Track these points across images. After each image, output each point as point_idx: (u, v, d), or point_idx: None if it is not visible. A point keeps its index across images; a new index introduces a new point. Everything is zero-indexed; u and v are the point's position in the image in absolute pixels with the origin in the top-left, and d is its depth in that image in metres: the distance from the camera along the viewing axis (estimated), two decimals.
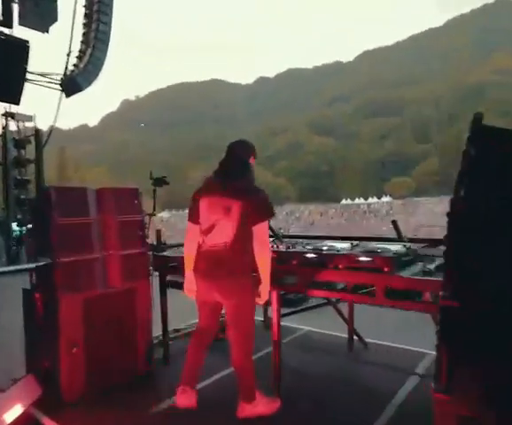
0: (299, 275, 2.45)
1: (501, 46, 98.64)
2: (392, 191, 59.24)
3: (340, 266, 2.26)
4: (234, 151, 2.41)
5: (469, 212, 1.06)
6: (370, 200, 57.07)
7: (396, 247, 2.42)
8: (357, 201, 57.23)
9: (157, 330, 3.45)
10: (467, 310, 1.06)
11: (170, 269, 3.41)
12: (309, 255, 2.46)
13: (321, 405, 2.66)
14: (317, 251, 2.48)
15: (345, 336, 3.74)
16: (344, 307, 3.69)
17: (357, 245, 2.61)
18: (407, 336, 3.78)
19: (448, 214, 1.11)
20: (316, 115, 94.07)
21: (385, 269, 2.12)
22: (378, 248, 2.36)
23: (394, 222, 3.47)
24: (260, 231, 2.22)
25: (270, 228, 2.64)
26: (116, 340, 3.05)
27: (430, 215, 35.32)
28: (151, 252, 3.42)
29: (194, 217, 2.42)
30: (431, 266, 2.14)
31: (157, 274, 3.48)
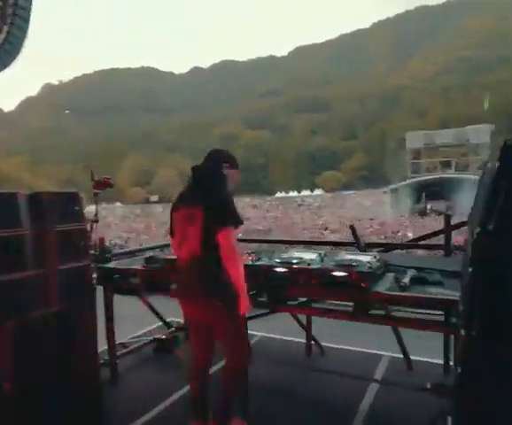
0: (270, 293, 2.29)
1: (418, 51, 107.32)
2: (323, 184, 61.78)
3: (314, 282, 2.14)
4: (205, 160, 2.32)
5: (500, 247, 0.98)
6: (303, 193, 59.00)
7: (366, 258, 2.36)
8: (291, 194, 58.82)
9: (103, 347, 3.12)
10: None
11: (116, 282, 3.08)
12: (279, 269, 2.31)
13: None
14: (287, 265, 2.34)
15: (302, 340, 3.68)
16: None
17: (325, 256, 2.52)
18: (362, 338, 3.82)
19: (473, 247, 1.02)
20: (250, 108, 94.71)
21: (362, 285, 2.04)
22: (350, 260, 2.28)
23: (352, 227, 3.47)
24: (225, 240, 2.04)
25: None
26: (56, 368, 2.67)
27: (358, 208, 37.43)
28: (94, 264, 3.05)
29: (170, 230, 2.34)
30: (406, 280, 2.11)
31: (101, 288, 3.14)
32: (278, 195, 55.48)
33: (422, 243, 3.47)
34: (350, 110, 76.84)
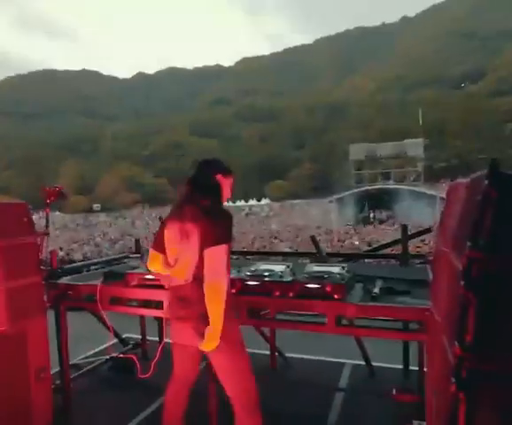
0: (243, 306, 2.24)
1: (358, 68, 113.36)
2: (271, 194, 62.65)
3: (291, 295, 2.13)
4: (197, 170, 2.17)
5: (495, 261, 1.02)
6: (251, 202, 59.43)
7: (335, 269, 2.39)
8: (238, 203, 58.94)
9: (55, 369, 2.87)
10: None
11: (69, 300, 2.87)
12: (251, 283, 2.27)
13: None
14: (259, 278, 2.30)
15: (266, 352, 3.65)
16: None
17: (291, 268, 2.51)
18: (322, 346, 3.86)
19: (465, 262, 1.05)
20: (197, 116, 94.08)
21: (336, 296, 2.06)
22: (321, 272, 2.29)
23: (313, 238, 3.51)
24: (211, 257, 1.85)
25: None
26: (3, 397, 2.41)
27: (306, 217, 38.42)
28: (45, 281, 2.81)
29: (156, 243, 2.14)
30: (376, 290, 2.16)
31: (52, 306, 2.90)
32: (225, 204, 55.36)
33: (381, 252, 3.61)
34: (298, 121, 78.92)
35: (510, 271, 1.01)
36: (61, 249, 19.26)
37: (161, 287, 2.40)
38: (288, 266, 2.53)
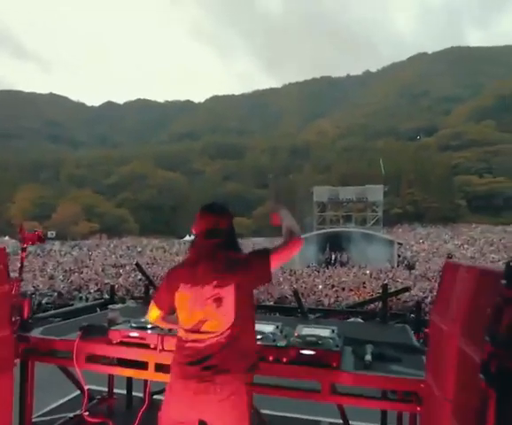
0: None
1: (323, 114, 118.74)
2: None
3: (285, 360, 2.10)
4: (215, 221, 1.90)
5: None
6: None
7: (325, 332, 2.39)
8: None
9: None
10: None
11: (40, 356, 2.67)
12: None
13: None
14: None
15: None
16: None
17: (281, 328, 2.49)
18: (297, 403, 3.79)
19: (485, 361, 1.10)
20: (163, 149, 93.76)
21: (331, 364, 2.06)
22: (314, 336, 2.28)
23: (295, 292, 3.52)
24: (279, 261, 1.80)
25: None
26: None
27: None
28: (16, 334, 2.61)
29: (161, 300, 1.92)
30: (368, 357, 2.18)
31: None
32: (187, 238, 54.54)
33: (360, 309, 3.68)
34: (263, 160, 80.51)
35: None
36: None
37: (148, 346, 2.30)
38: (277, 327, 2.51)
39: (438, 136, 79.97)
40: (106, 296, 10.03)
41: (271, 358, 2.13)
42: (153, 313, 1.96)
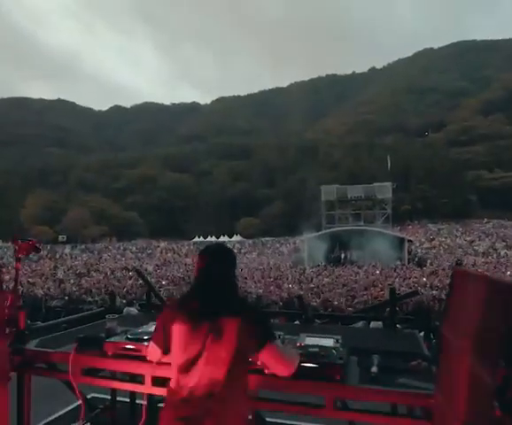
0: None
1: (329, 112, 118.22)
2: (242, 230, 62.51)
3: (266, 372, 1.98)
4: (218, 265, 1.83)
5: None
6: (222, 239, 58.97)
7: (329, 342, 2.27)
8: (209, 239, 58.36)
9: None
10: None
11: (36, 369, 2.60)
12: None
13: None
14: None
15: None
16: None
17: (283, 339, 2.37)
18: None
19: (501, 385, 0.98)
20: (171, 151, 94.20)
21: (335, 377, 1.94)
22: (317, 347, 2.16)
23: (300, 298, 3.42)
24: (273, 358, 1.69)
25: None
26: None
27: (277, 255, 38.43)
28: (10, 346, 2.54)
29: (162, 341, 1.80)
30: (374, 369, 2.06)
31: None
32: (196, 239, 54.59)
33: (369, 314, 3.56)
34: (270, 159, 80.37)
35: None
36: (22, 284, 18.17)
37: (144, 358, 2.20)
38: (279, 336, 2.39)
39: (447, 131, 79.02)
40: (118, 299, 10.01)
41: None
42: (151, 352, 1.93)
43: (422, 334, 3.02)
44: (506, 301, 1.08)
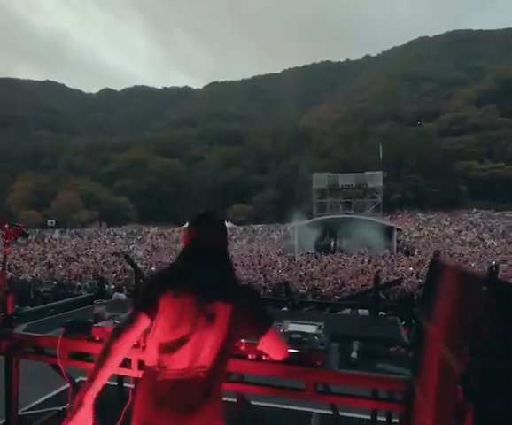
0: None
1: (322, 99, 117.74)
2: (234, 217, 62.53)
3: (264, 358, 2.04)
4: (211, 236, 1.69)
5: (494, 370, 1.01)
6: None
7: (311, 329, 2.33)
8: None
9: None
10: None
11: (23, 353, 2.63)
12: None
13: None
14: None
15: (231, 400, 3.50)
16: None
17: None
18: None
19: (464, 372, 1.04)
20: (161, 136, 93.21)
21: (318, 363, 2.01)
22: (299, 333, 2.22)
23: (287, 285, 3.48)
24: (273, 342, 1.69)
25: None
26: None
27: (267, 242, 38.60)
28: None
29: (149, 308, 1.55)
30: (354, 355, 2.13)
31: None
32: (187, 225, 54.50)
33: (352, 302, 3.65)
34: (263, 146, 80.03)
35: (510, 381, 1.01)
36: (10, 268, 18.03)
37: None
38: None
39: (440, 121, 79.32)
40: (106, 285, 10.02)
41: (253, 355, 2.08)
42: (135, 325, 1.58)
43: (404, 322, 3.10)
44: (474, 291, 1.13)
